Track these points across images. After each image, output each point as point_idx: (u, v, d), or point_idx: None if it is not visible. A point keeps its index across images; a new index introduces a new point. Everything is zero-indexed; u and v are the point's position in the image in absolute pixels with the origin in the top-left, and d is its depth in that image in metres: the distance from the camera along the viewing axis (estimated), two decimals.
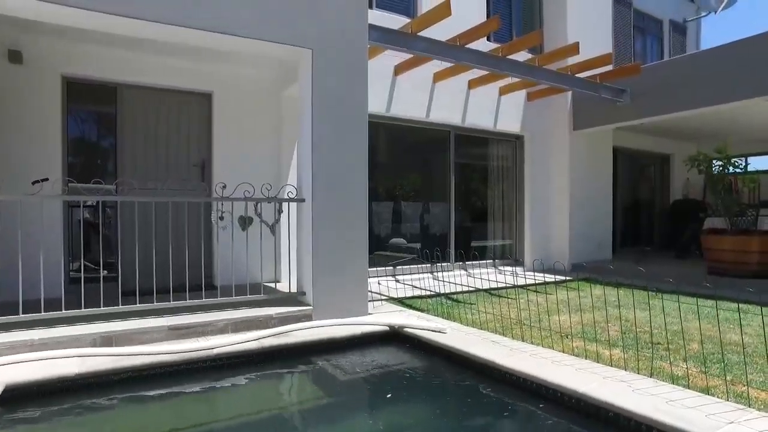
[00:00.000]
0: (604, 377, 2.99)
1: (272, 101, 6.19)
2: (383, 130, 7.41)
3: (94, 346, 3.55)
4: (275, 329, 4.07)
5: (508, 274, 8.01)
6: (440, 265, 7.80)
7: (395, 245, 7.82)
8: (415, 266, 7.48)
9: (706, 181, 7.77)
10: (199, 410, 3.20)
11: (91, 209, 5.67)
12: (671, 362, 3.41)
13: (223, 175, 5.70)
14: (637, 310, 4.90)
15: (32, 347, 3.37)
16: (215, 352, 3.60)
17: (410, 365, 3.90)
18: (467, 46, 6.18)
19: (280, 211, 4.62)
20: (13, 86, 4.82)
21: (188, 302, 4.17)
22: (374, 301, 5.45)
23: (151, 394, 3.20)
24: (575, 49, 6.86)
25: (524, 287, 6.55)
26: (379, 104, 6.89)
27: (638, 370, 3.20)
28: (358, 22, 4.80)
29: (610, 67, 7.60)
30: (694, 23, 12.22)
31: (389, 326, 4.33)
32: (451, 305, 5.47)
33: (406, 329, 4.25)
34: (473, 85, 7.68)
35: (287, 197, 4.66)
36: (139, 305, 3.96)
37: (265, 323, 4.25)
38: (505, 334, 4.10)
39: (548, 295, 5.63)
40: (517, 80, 7.53)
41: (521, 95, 8.40)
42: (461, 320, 4.65)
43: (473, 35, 6.02)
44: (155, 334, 3.82)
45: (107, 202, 5.05)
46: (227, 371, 3.56)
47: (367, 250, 4.87)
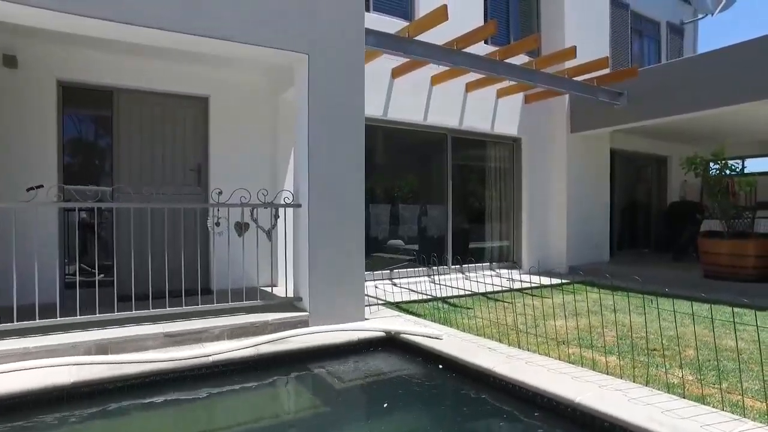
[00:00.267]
0: (600, 386, 2.99)
1: (269, 105, 6.17)
2: (380, 133, 7.40)
3: (89, 353, 3.54)
4: (271, 336, 4.07)
5: (505, 277, 8.01)
6: (438, 268, 7.80)
7: (393, 248, 7.82)
8: (412, 269, 7.48)
9: (703, 184, 7.78)
10: (195, 419, 3.19)
11: (87, 210, 5.65)
12: (667, 370, 3.42)
13: (219, 179, 5.71)
14: (633, 314, 4.90)
15: (27, 355, 3.35)
16: (211, 359, 3.60)
17: (407, 372, 3.89)
18: (464, 50, 6.18)
19: (276, 216, 4.61)
20: (7, 91, 4.79)
21: (184, 309, 4.15)
22: (371, 305, 5.45)
23: (147, 402, 3.19)
24: (572, 52, 6.86)
25: (521, 291, 6.56)
26: (376, 107, 6.88)
27: (634, 378, 3.20)
28: (354, 26, 4.79)
29: (607, 70, 7.60)
30: (691, 25, 12.24)
31: (386, 332, 4.32)
32: (447, 310, 5.47)
33: (402, 335, 4.25)
34: (470, 87, 7.68)
35: (283, 203, 4.65)
36: (134, 312, 3.94)
37: (261, 329, 4.24)
38: (501, 340, 4.10)
39: (545, 299, 5.64)
40: (514, 83, 7.52)
41: (519, 98, 8.40)
42: (458, 326, 4.64)
43: (470, 39, 6.02)
44: (151, 341, 3.80)
45: (104, 198, 5.03)
46: (224, 379, 3.55)
47: (363, 255, 4.86)
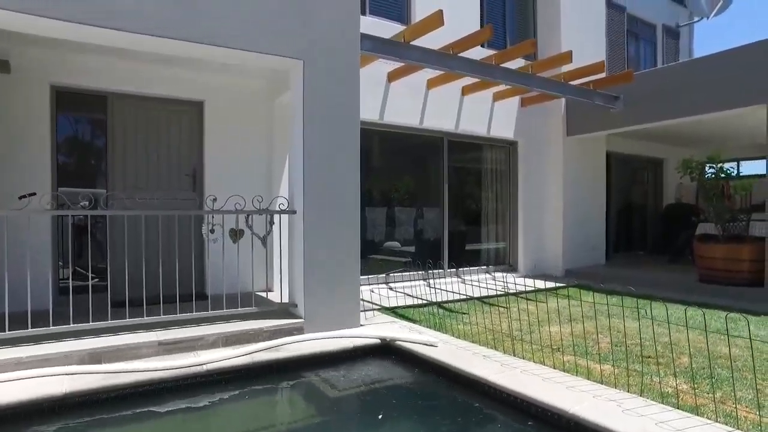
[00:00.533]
0: (594, 396, 2.99)
1: (264, 109, 6.16)
2: (377, 136, 7.39)
3: (82, 363, 3.52)
4: (266, 343, 4.05)
5: (501, 280, 8.02)
6: (434, 271, 7.80)
7: (389, 251, 7.81)
8: (408, 273, 7.47)
9: (698, 187, 7.80)
10: (189, 429, 3.17)
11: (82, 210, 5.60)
12: (661, 378, 3.42)
13: (214, 184, 5.70)
14: (628, 320, 4.91)
15: (19, 365, 3.33)
16: (205, 368, 3.58)
17: (401, 381, 3.89)
18: (460, 54, 6.17)
19: (271, 223, 4.60)
20: (0, 96, 4.76)
21: (178, 316, 4.13)
22: (366, 311, 5.44)
23: (141, 412, 3.17)
24: (568, 57, 6.87)
25: (517, 295, 6.57)
26: (372, 111, 6.88)
27: (628, 387, 3.21)
28: (350, 32, 4.78)
29: (603, 74, 7.61)
30: (686, 28, 12.28)
31: (381, 339, 4.32)
32: (443, 315, 5.47)
33: (397, 342, 4.24)
34: (467, 91, 7.68)
35: (278, 209, 4.63)
36: (128, 320, 3.92)
37: (256, 336, 4.22)
38: (496, 347, 4.10)
39: (540, 303, 5.64)
40: (510, 87, 7.52)
41: (515, 101, 8.41)
42: (453, 332, 4.64)
43: (466, 44, 6.01)
44: (145, 349, 3.78)
45: (98, 205, 4.99)
46: (218, 387, 3.53)
47: (359, 261, 4.85)
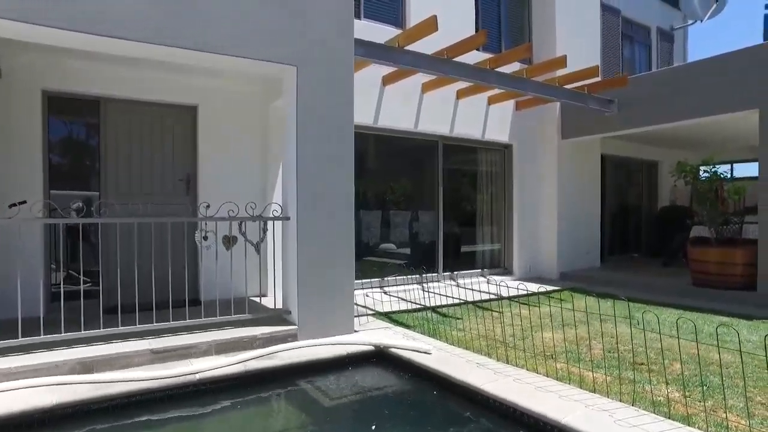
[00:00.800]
0: (586, 405, 2.99)
1: (258, 114, 6.14)
2: (371, 140, 7.39)
3: (73, 372, 3.50)
4: (259, 351, 4.04)
5: (496, 283, 8.01)
6: (429, 275, 7.79)
7: (384, 255, 7.81)
8: (403, 277, 7.47)
9: (692, 191, 7.84)
10: None
11: (76, 210, 5.57)
12: (653, 386, 3.43)
13: (208, 189, 5.67)
14: (621, 325, 4.92)
15: (9, 376, 3.30)
16: (198, 377, 3.57)
17: (395, 389, 3.88)
18: (455, 59, 6.17)
19: (265, 229, 4.58)
20: None
21: (171, 324, 4.11)
22: (361, 316, 5.43)
23: (132, 422, 3.15)
24: (563, 62, 6.88)
25: (511, 299, 6.57)
26: (367, 115, 6.87)
27: (620, 396, 3.21)
28: (343, 38, 4.77)
29: (598, 78, 7.63)
30: (681, 31, 12.33)
31: (374, 346, 4.31)
32: (437, 320, 5.47)
33: (391, 349, 4.24)
34: (461, 95, 7.68)
35: (272, 216, 4.62)
36: (120, 328, 3.90)
37: (249, 344, 4.21)
38: (490, 354, 4.10)
39: (533, 307, 5.65)
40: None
41: (510, 105, 8.41)
42: (447, 338, 4.64)
43: (460, 49, 6.01)
44: (137, 358, 3.77)
45: (91, 202, 4.97)
46: (211, 397, 3.51)
47: (353, 267, 4.85)
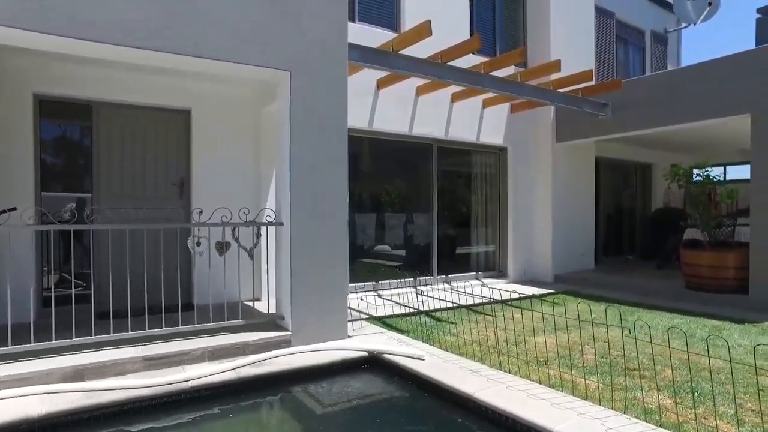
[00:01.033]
0: (578, 413, 3.00)
1: (252, 118, 6.12)
2: (366, 143, 7.39)
3: (64, 380, 3.47)
4: (253, 357, 4.03)
5: (491, 286, 8.03)
6: (423, 278, 7.80)
7: (378, 259, 7.80)
8: (397, 280, 7.47)
9: (685, 195, 7.88)
10: None
11: (69, 210, 5.53)
12: (645, 393, 3.44)
13: (201, 192, 5.66)
14: (615, 329, 4.93)
15: None
16: (190, 384, 3.55)
17: (388, 395, 3.88)
18: (450, 62, 6.17)
19: (258, 235, 4.57)
20: None
21: (164, 330, 4.09)
22: (354, 321, 5.43)
23: (123, 431, 3.13)
24: (557, 66, 6.90)
25: (505, 302, 6.58)
26: (361, 119, 6.86)
27: (612, 403, 3.22)
28: (337, 43, 4.76)
29: (592, 81, 7.66)
30: (674, 34, 12.40)
31: (368, 352, 4.31)
32: (432, 325, 5.47)
33: (384, 355, 4.24)
34: (456, 98, 7.69)
35: (265, 221, 4.60)
36: (112, 335, 3.88)
37: (242, 350, 4.20)
38: (483, 360, 4.11)
39: (526, 310, 5.66)
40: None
41: (504, 107, 8.43)
42: (440, 344, 4.64)
43: (455, 53, 6.02)
44: (129, 365, 3.75)
45: (84, 204, 4.95)
46: (204, 404, 3.49)
47: (347, 272, 4.84)
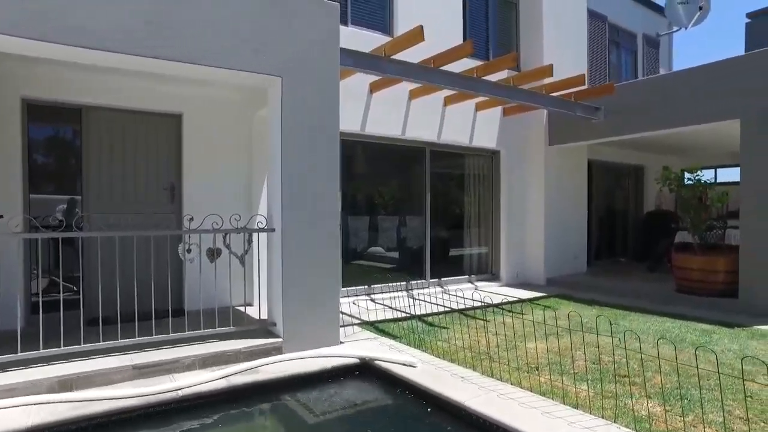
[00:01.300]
0: (569, 423, 3.01)
1: (244, 122, 6.09)
2: (358, 147, 7.38)
3: (52, 391, 3.43)
4: (243, 365, 4.00)
5: (483, 290, 8.05)
6: (416, 282, 7.80)
7: (371, 262, 7.80)
8: (390, 284, 7.46)
9: (677, 199, 7.94)
10: None
11: (62, 211, 5.49)
12: (635, 400, 3.45)
13: (193, 198, 5.62)
14: (606, 334, 4.95)
15: None
16: (180, 393, 3.52)
17: (380, 403, 3.87)
18: (443, 67, 6.17)
19: (249, 241, 4.55)
20: None
21: (154, 338, 4.06)
22: (346, 326, 5.41)
23: None
24: (549, 71, 6.93)
25: (497, 307, 6.59)
26: (354, 122, 6.85)
27: (603, 411, 3.23)
28: (329, 48, 4.74)
29: (584, 86, 7.69)
30: (666, 37, 12.48)
31: (360, 358, 4.30)
32: (424, 330, 5.47)
33: (376, 362, 4.23)
34: (449, 101, 7.69)
35: (257, 227, 4.58)
36: (102, 343, 3.84)
37: (234, 357, 4.18)
38: (475, 367, 4.11)
39: (517, 314, 5.66)
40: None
41: (497, 111, 8.44)
42: (433, 350, 4.64)
43: (448, 58, 6.02)
44: (119, 374, 3.71)
45: (75, 204, 4.90)
46: (194, 413, 3.47)
47: (339, 278, 4.84)
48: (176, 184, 5.69)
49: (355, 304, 6.69)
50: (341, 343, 4.79)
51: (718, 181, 11.97)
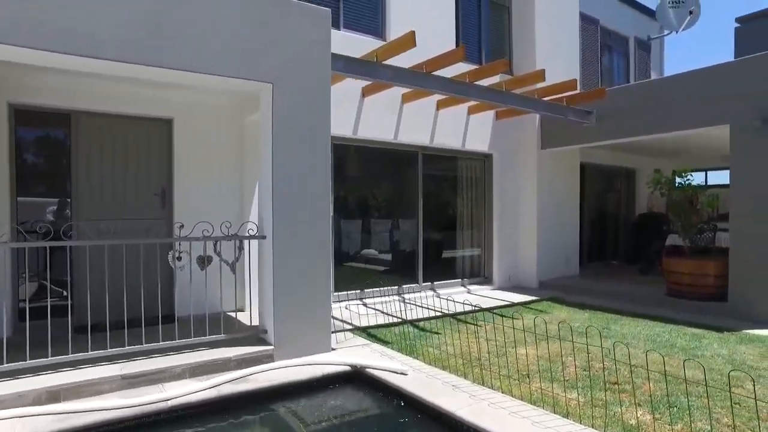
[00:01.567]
0: None
1: (235, 127, 6.06)
2: (351, 151, 7.36)
3: (38, 402, 3.39)
4: (234, 374, 3.98)
5: (476, 293, 8.07)
6: (409, 286, 7.80)
7: (364, 265, 7.78)
8: (383, 289, 7.45)
9: (668, 203, 7.99)
10: None
11: (52, 212, 5.44)
12: (625, 408, 3.47)
13: (184, 203, 5.58)
14: (597, 339, 4.97)
15: None
16: (170, 404, 3.50)
17: (371, 412, 3.87)
18: (435, 72, 6.17)
19: (240, 248, 4.52)
20: None
21: (143, 347, 4.03)
22: (338, 332, 5.40)
23: None
24: (541, 76, 6.94)
25: (488, 311, 6.61)
26: (346, 126, 6.83)
27: (593, 419, 3.25)
28: (320, 54, 4.72)
29: (576, 90, 7.71)
30: (657, 41, 12.56)
31: (351, 366, 4.29)
32: (416, 336, 5.46)
33: (367, 370, 4.22)
34: (441, 105, 7.69)
35: (247, 235, 4.56)
36: (90, 353, 3.80)
37: (224, 366, 4.15)
38: (466, 374, 4.11)
39: (506, 318, 5.68)
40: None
41: (490, 114, 8.45)
42: (424, 356, 4.64)
43: (440, 63, 6.01)
44: (107, 384, 3.68)
45: (65, 206, 4.85)
46: (184, 423, 3.44)
47: (330, 285, 4.83)
48: (167, 189, 5.64)
49: (347, 308, 6.68)
50: (333, 349, 4.77)
51: (709, 183, 12.09)
